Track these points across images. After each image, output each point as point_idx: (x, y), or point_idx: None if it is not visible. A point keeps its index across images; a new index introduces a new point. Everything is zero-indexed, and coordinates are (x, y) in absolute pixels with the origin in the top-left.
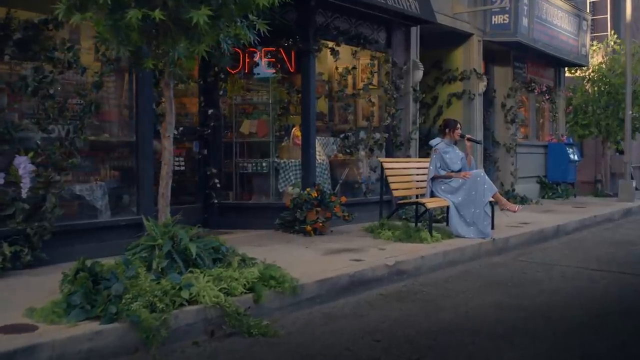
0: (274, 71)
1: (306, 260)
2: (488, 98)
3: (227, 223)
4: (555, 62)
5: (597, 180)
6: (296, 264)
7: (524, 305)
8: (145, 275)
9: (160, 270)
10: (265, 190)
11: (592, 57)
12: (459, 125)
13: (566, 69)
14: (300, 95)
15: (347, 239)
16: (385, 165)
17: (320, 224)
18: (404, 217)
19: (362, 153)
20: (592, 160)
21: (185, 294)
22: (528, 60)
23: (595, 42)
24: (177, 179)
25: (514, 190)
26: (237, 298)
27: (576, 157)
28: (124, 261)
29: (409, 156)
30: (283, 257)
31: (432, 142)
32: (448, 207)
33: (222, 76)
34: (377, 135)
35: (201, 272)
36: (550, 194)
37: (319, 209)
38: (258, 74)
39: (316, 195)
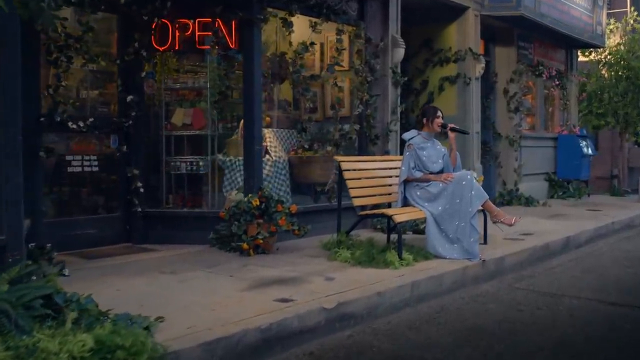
0: (209, 47)
1: (213, 301)
2: (488, 83)
3: (155, 236)
4: (567, 42)
5: (614, 175)
6: (193, 308)
7: None
8: None
9: None
10: (204, 196)
11: (609, 37)
12: (439, 113)
13: (579, 51)
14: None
15: (291, 262)
16: (344, 165)
17: (261, 240)
18: (378, 226)
19: (329, 149)
20: (607, 153)
21: None
22: (535, 40)
23: (612, 20)
24: (89, 183)
25: (517, 189)
26: None
27: (590, 151)
28: None
29: (386, 152)
30: (183, 296)
31: (406, 135)
32: (425, 220)
33: (144, 54)
34: (347, 127)
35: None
36: (560, 193)
37: (260, 220)
38: (191, 51)
39: (258, 203)
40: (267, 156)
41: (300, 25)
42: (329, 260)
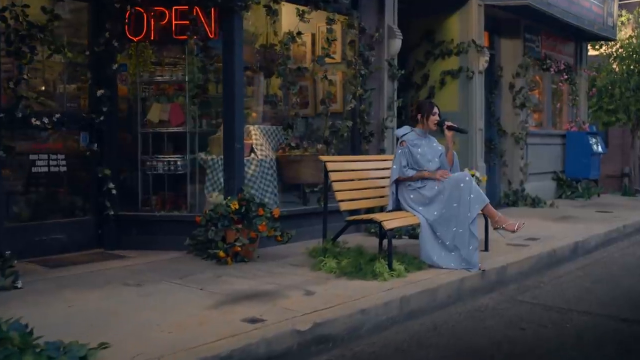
0: (187, 37)
1: (173, 321)
2: (493, 78)
3: (129, 242)
4: (576, 35)
5: (625, 174)
6: (148, 329)
7: None
8: None
9: None
10: (182, 198)
11: (620, 30)
12: (436, 110)
13: (589, 44)
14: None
15: (271, 272)
16: (330, 165)
17: (239, 248)
18: (372, 230)
19: (320, 147)
20: (618, 151)
21: None
22: (542, 32)
23: (624, 12)
24: (57, 184)
25: (523, 189)
26: None
27: (600, 149)
28: None
29: (382, 150)
30: (141, 314)
31: (399, 131)
32: (419, 225)
33: (116, 44)
34: (339, 124)
35: None
36: (569, 193)
37: (240, 226)
38: (168, 41)
39: (237, 207)
40: (253, 155)
41: (290, 14)
42: (312, 271)
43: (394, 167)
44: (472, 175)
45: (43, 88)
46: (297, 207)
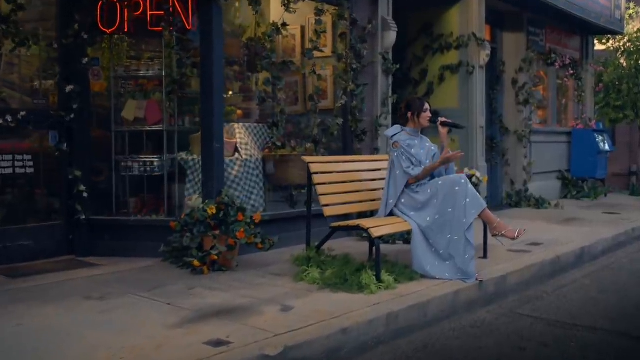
0: (162, 29)
1: (128, 344)
2: (495, 73)
3: (102, 248)
4: (582, 28)
5: (632, 172)
6: (97, 355)
7: None
8: None
9: None
10: (159, 202)
11: (629, 23)
12: (427, 106)
13: (596, 38)
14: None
15: (249, 283)
16: (314, 167)
17: (216, 256)
18: (364, 235)
19: (309, 146)
20: (625, 149)
21: None
22: (547, 25)
23: (632, 5)
24: (23, 186)
25: (527, 190)
26: None
27: (607, 147)
28: None
29: (375, 150)
30: (94, 335)
31: (389, 132)
32: (411, 232)
33: (85, 37)
34: (329, 121)
35: None
36: (575, 193)
37: (217, 232)
38: (144, 34)
39: (214, 211)
40: (237, 155)
41: (279, 5)
42: (294, 281)
43: (397, 171)
44: (473, 176)
45: (8, 84)
46: (284, 210)
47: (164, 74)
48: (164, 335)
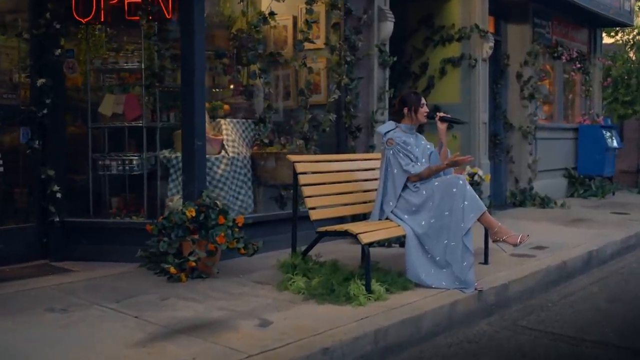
0: (139, 18)
1: None
2: (498, 66)
3: (79, 252)
4: (590, 20)
5: None
6: None
7: None
8: None
9: None
10: (139, 203)
11: (638, 15)
12: (424, 101)
13: (604, 30)
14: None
15: (228, 292)
16: (300, 167)
17: (194, 263)
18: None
19: (300, 143)
20: (634, 145)
21: None
22: (553, 17)
23: None
24: None
25: (532, 188)
26: None
27: (615, 144)
28: None
29: (371, 147)
30: (46, 356)
31: (382, 128)
32: (405, 237)
33: (57, 26)
34: (321, 117)
35: None
36: (581, 191)
37: (196, 236)
38: (121, 23)
39: (194, 214)
40: (223, 152)
41: None
42: (278, 290)
43: (394, 170)
44: (475, 174)
45: None
46: (272, 211)
47: (143, 67)
48: (124, 355)
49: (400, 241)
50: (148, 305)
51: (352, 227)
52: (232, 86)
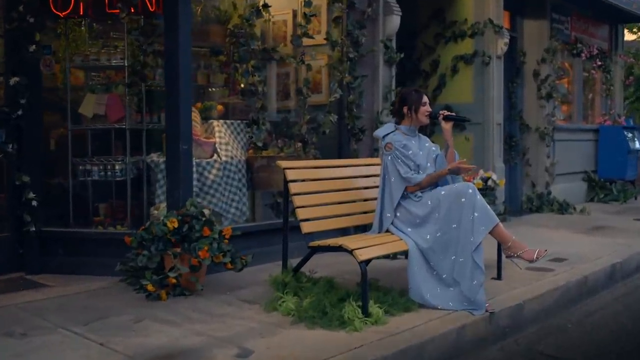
0: (119, 11)
1: None
2: (514, 64)
3: (56, 264)
4: (611, 15)
5: None
6: None
7: None
8: None
9: None
10: (122, 211)
11: None
12: (425, 99)
13: (626, 26)
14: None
15: (210, 313)
16: (291, 174)
17: (174, 279)
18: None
19: (299, 146)
20: None
21: None
22: (572, 12)
23: None
24: None
25: (549, 193)
26: None
27: (638, 145)
28: None
29: (375, 150)
30: None
31: (380, 131)
32: (407, 252)
33: (32, 20)
34: (321, 118)
35: None
36: (602, 196)
37: (178, 250)
38: (103, 17)
39: (176, 225)
40: (216, 156)
41: None
42: (265, 311)
43: (392, 178)
44: (488, 179)
45: None
46: (268, 220)
47: (126, 64)
48: None
49: (406, 253)
50: (118, 330)
51: (348, 242)
52: (228, 85)
